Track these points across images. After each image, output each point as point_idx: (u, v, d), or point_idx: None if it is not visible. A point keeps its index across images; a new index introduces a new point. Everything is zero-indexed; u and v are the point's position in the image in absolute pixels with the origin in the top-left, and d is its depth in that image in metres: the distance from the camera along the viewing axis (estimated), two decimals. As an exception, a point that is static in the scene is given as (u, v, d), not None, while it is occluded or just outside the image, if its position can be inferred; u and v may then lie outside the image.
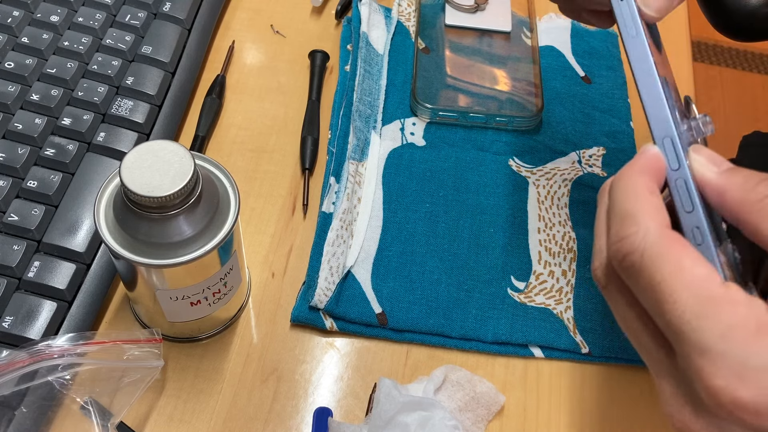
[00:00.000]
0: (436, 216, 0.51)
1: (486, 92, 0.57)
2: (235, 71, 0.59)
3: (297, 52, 0.60)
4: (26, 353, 0.39)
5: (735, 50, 1.80)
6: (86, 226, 0.46)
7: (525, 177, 0.54)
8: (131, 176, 0.35)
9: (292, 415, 0.44)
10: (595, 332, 0.47)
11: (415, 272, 0.49)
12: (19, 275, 0.44)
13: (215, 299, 0.42)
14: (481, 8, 0.62)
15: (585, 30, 0.63)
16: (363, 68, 0.57)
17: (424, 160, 0.54)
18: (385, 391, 0.42)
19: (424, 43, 0.60)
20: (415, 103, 0.56)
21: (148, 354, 0.41)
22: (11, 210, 0.45)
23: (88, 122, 0.50)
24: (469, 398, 0.44)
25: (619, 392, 0.46)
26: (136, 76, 0.53)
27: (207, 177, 0.38)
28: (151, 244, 0.37)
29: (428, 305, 0.47)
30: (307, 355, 0.46)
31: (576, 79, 0.60)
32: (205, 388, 0.44)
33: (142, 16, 0.56)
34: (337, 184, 0.51)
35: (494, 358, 0.47)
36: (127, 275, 0.40)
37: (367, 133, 0.54)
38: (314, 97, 0.57)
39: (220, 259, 0.39)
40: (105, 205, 0.38)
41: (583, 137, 0.56)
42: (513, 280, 0.49)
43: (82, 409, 0.41)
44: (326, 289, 0.47)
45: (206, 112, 0.55)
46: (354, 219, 0.50)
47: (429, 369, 0.46)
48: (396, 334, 0.47)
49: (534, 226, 0.52)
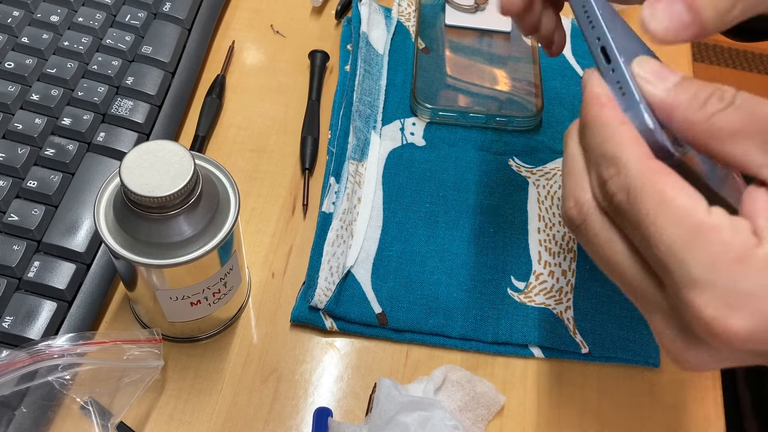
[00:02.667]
0: (436, 216, 0.51)
1: (486, 92, 0.57)
2: (235, 71, 0.59)
3: (297, 52, 0.60)
4: (26, 353, 0.39)
5: (735, 50, 1.79)
6: (86, 226, 0.46)
7: (525, 177, 0.54)
8: (131, 176, 0.35)
9: (292, 415, 0.44)
10: (595, 332, 0.47)
11: (415, 272, 0.49)
12: (19, 275, 0.44)
13: (215, 299, 0.42)
14: (481, 8, 0.62)
15: (585, 30, 0.63)
16: (363, 68, 0.57)
17: (424, 160, 0.54)
18: (385, 391, 0.42)
19: (424, 43, 0.60)
20: (415, 103, 0.56)
21: (148, 354, 0.41)
22: (11, 210, 0.45)
23: (88, 122, 0.50)
24: (469, 398, 0.44)
25: (619, 392, 0.46)
26: (136, 76, 0.53)
27: (207, 177, 0.38)
28: (151, 244, 0.37)
29: (428, 305, 0.47)
30: (307, 355, 0.46)
31: (576, 79, 0.60)
32: (205, 388, 0.44)
33: (142, 16, 0.56)
34: (337, 184, 0.51)
35: (494, 358, 0.47)
36: (127, 275, 0.40)
37: (367, 133, 0.54)
38: (314, 97, 0.57)
39: (220, 259, 0.39)
40: (105, 205, 0.38)
41: (583, 137, 0.56)
42: (513, 280, 0.49)
43: (82, 409, 0.41)
44: (326, 289, 0.47)
45: (206, 112, 0.55)
46: (354, 219, 0.50)
47: (429, 369, 0.46)
48: (396, 334, 0.47)
49: (534, 226, 0.52)
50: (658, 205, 0.28)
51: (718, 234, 0.27)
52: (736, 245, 0.27)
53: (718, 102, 0.30)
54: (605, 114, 0.32)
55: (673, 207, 0.28)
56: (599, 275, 0.50)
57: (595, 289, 0.49)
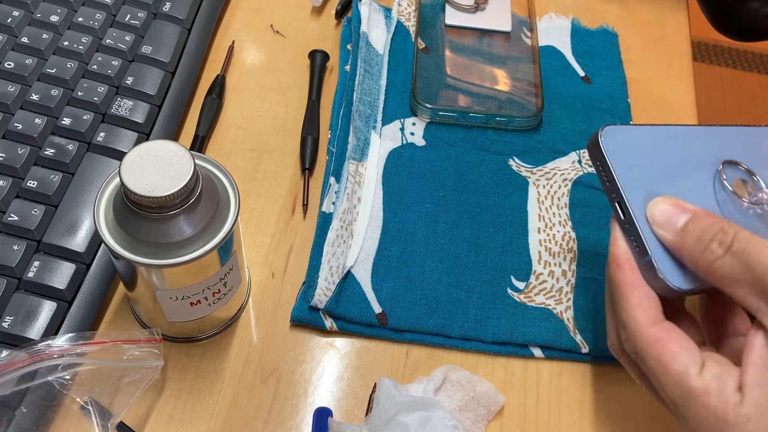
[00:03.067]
0: (436, 216, 0.51)
1: (486, 92, 0.57)
2: (235, 71, 0.59)
3: (297, 52, 0.60)
4: (26, 353, 0.39)
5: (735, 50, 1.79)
6: (86, 226, 0.46)
7: (525, 177, 0.54)
8: (131, 176, 0.35)
9: (292, 415, 0.44)
10: (595, 332, 0.47)
11: (415, 272, 0.49)
12: (19, 275, 0.44)
13: (215, 299, 0.42)
14: (481, 8, 0.62)
15: (585, 30, 0.63)
16: (363, 68, 0.57)
17: (424, 160, 0.54)
18: (385, 391, 0.42)
19: (424, 43, 0.60)
20: (415, 103, 0.56)
21: (148, 354, 0.41)
22: (11, 210, 0.45)
23: (88, 122, 0.50)
24: (469, 398, 0.44)
25: (619, 392, 0.46)
26: (136, 76, 0.53)
27: (207, 177, 0.38)
28: (151, 244, 0.37)
29: (428, 305, 0.47)
30: (307, 355, 0.46)
31: (576, 79, 0.60)
32: (205, 388, 0.44)
33: (142, 16, 0.56)
34: (337, 184, 0.51)
35: (494, 358, 0.47)
36: (127, 275, 0.40)
37: (367, 133, 0.54)
38: (314, 97, 0.57)
39: (220, 259, 0.39)
40: (105, 205, 0.38)
41: (583, 137, 0.56)
42: (513, 280, 0.49)
43: (82, 409, 0.41)
44: (326, 289, 0.47)
45: (206, 112, 0.55)
46: (354, 219, 0.50)
47: (429, 369, 0.46)
48: (396, 334, 0.47)
49: (534, 226, 0.52)
50: (659, 368, 0.35)
51: (707, 397, 0.33)
52: (720, 408, 0.33)
53: (717, 247, 0.35)
54: (620, 276, 0.38)
55: (670, 372, 0.35)
56: (599, 275, 0.50)
57: (595, 289, 0.49)
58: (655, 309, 0.37)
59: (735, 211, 0.40)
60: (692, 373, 0.34)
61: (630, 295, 0.37)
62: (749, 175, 0.42)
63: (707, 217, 0.37)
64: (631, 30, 0.64)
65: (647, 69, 0.62)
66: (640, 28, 0.65)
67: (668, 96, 0.61)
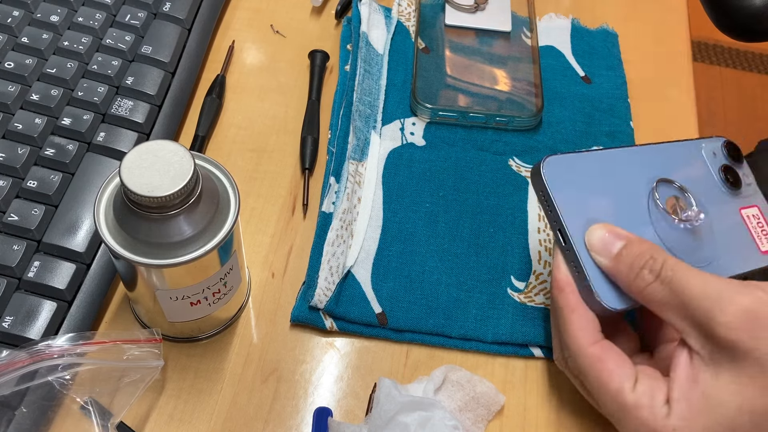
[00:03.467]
0: (436, 216, 0.51)
1: (486, 92, 0.57)
2: (235, 71, 0.59)
3: (297, 52, 0.60)
4: (26, 353, 0.39)
5: (735, 50, 1.80)
6: (86, 226, 0.46)
7: (525, 177, 0.54)
8: (131, 176, 0.35)
9: (292, 415, 0.44)
10: (595, 332, 0.47)
11: (415, 272, 0.49)
12: (19, 275, 0.44)
13: (215, 299, 0.42)
14: (481, 8, 0.62)
15: (585, 30, 0.63)
16: (363, 68, 0.57)
17: (424, 160, 0.54)
18: (385, 391, 0.42)
19: (424, 43, 0.60)
20: (415, 103, 0.56)
21: (148, 354, 0.41)
22: (11, 210, 0.45)
23: (88, 122, 0.50)
24: (469, 398, 0.44)
25: (619, 392, 0.46)
26: (136, 76, 0.53)
27: (207, 177, 0.38)
28: (151, 244, 0.37)
29: (428, 305, 0.47)
30: (307, 355, 0.46)
31: (576, 79, 0.60)
32: (205, 388, 0.44)
33: (142, 16, 0.56)
34: (337, 184, 0.51)
35: (494, 358, 0.47)
36: (127, 275, 0.40)
37: (367, 133, 0.54)
38: (314, 97, 0.57)
39: (220, 259, 0.39)
40: (105, 205, 0.38)
41: (583, 137, 0.56)
42: (513, 280, 0.49)
43: (82, 409, 0.41)
44: (326, 289, 0.47)
45: (206, 112, 0.55)
46: (354, 219, 0.50)
47: (429, 369, 0.46)
48: (396, 334, 0.47)
49: (534, 226, 0.52)
50: (598, 385, 0.39)
51: (638, 411, 0.37)
52: (650, 420, 0.37)
53: (648, 274, 0.39)
54: (562, 300, 0.41)
55: (607, 389, 0.38)
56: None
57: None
58: (594, 329, 0.40)
59: (667, 229, 0.43)
60: (626, 389, 0.38)
61: (571, 318, 0.40)
62: (682, 192, 0.44)
63: (640, 243, 0.40)
64: (631, 30, 0.64)
65: (647, 69, 0.62)
66: (640, 28, 0.65)
67: (668, 96, 0.61)
